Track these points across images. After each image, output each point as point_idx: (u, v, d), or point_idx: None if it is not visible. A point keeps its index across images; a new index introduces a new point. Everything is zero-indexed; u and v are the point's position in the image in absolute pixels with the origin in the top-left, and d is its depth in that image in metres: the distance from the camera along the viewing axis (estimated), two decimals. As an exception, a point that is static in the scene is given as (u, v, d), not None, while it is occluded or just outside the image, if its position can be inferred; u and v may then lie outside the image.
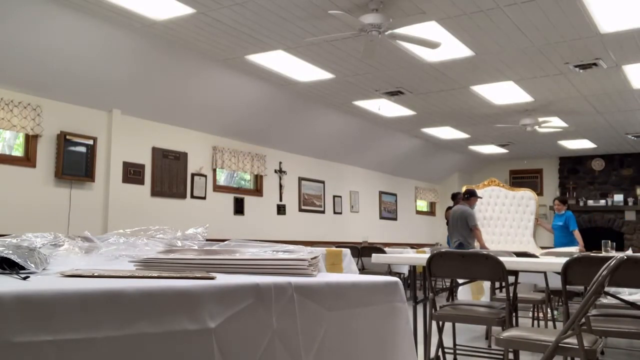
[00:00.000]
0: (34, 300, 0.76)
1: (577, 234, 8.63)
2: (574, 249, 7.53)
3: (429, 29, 5.64)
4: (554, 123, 9.74)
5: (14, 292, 0.75)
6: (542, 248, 8.53)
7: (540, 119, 9.26)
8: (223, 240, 1.61)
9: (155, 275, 1.11)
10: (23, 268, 1.06)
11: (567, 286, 2.77)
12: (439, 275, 3.42)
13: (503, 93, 8.13)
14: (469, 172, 14.40)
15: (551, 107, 8.89)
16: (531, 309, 5.13)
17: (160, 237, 1.55)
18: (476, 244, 7.83)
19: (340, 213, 11.19)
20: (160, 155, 7.59)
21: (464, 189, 8.43)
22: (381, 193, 12.55)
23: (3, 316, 0.72)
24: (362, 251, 8.38)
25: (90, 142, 6.70)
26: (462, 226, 7.74)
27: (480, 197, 8.22)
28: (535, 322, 5.07)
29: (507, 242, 8.52)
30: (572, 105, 8.77)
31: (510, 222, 8.83)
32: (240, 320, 1.03)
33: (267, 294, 1.10)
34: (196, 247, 1.46)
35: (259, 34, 5.92)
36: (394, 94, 8.23)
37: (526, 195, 8.93)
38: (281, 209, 9.68)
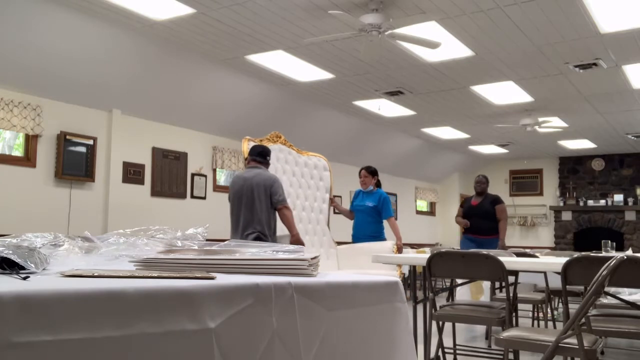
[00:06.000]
0: (34, 300, 0.76)
1: (393, 224, 5.99)
2: (387, 245, 5.54)
3: (429, 29, 5.64)
4: (554, 123, 9.74)
5: (14, 292, 0.75)
6: (340, 243, 6.16)
7: (540, 119, 9.26)
8: (223, 240, 1.61)
9: (155, 275, 1.11)
10: (23, 268, 1.06)
11: (567, 286, 2.77)
12: (439, 275, 3.42)
13: (503, 93, 8.12)
14: (469, 172, 14.40)
15: (551, 107, 8.89)
16: (531, 309, 5.13)
17: (160, 237, 1.55)
18: (281, 233, 4.93)
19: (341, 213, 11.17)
20: (160, 155, 7.59)
21: (245, 143, 5.33)
22: (381, 193, 12.54)
23: (3, 316, 0.72)
24: (362, 251, 8.35)
25: (90, 142, 6.69)
26: (264, 204, 4.70)
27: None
28: (535, 322, 5.07)
29: (299, 232, 5.17)
30: (572, 105, 8.77)
31: (302, 202, 5.69)
32: (240, 320, 1.03)
33: (267, 294, 1.10)
34: (196, 247, 1.46)
35: (259, 34, 5.92)
36: (394, 94, 8.23)
37: (319, 163, 6.03)
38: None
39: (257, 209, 4.70)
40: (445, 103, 8.76)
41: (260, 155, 4.95)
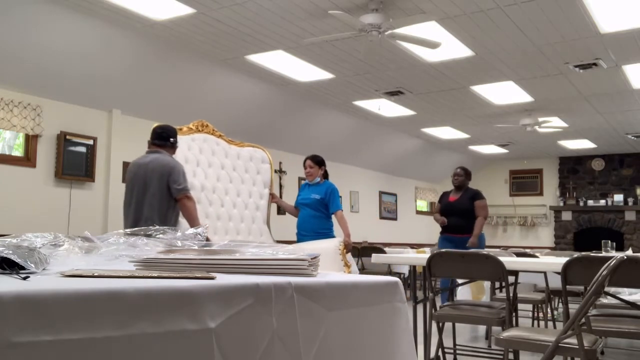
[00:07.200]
0: (34, 300, 0.76)
1: (341, 218, 5.25)
2: (332, 244, 4.85)
3: (429, 29, 5.64)
4: (554, 123, 9.74)
5: (14, 292, 0.75)
6: (281, 242, 4.78)
7: (540, 119, 9.26)
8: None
9: (155, 275, 1.11)
10: (23, 268, 1.06)
11: (567, 286, 2.77)
12: (439, 275, 3.42)
13: (503, 93, 8.13)
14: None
15: (551, 107, 8.89)
16: (531, 309, 5.13)
17: (160, 237, 1.55)
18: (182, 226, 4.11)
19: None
20: (160, 155, 7.58)
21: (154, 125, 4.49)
22: (381, 193, 12.55)
23: (3, 316, 0.72)
24: (362, 251, 8.39)
25: (90, 142, 6.70)
26: (159, 195, 4.04)
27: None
28: (535, 322, 5.07)
29: (229, 232, 4.81)
30: (572, 105, 8.77)
31: (232, 198, 4.98)
32: (240, 320, 1.03)
33: (267, 294, 1.10)
34: (196, 247, 1.46)
35: (259, 34, 5.92)
36: (394, 94, 8.23)
37: (256, 154, 5.28)
38: (281, 209, 9.67)
39: (151, 200, 4.00)
40: (445, 103, 8.76)
41: (159, 138, 4.19)
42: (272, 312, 1.10)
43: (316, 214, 5.27)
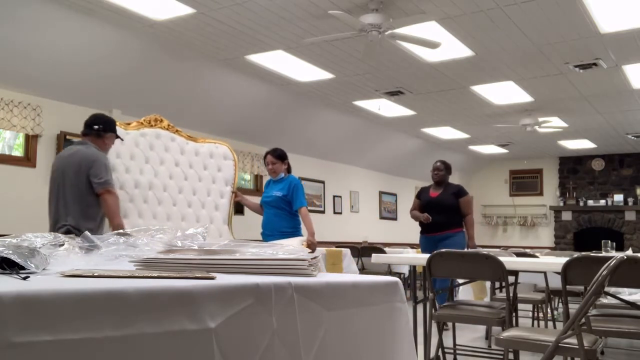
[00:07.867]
0: (34, 300, 0.76)
1: (305, 215, 4.86)
2: (295, 243, 4.36)
3: (429, 29, 5.64)
4: (554, 123, 9.74)
5: (14, 292, 0.75)
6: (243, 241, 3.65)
7: (540, 119, 9.26)
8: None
9: (155, 275, 1.11)
10: (23, 268, 1.06)
11: (567, 286, 2.77)
12: (439, 275, 3.42)
13: (503, 93, 8.13)
14: (469, 172, 14.41)
15: (551, 107, 8.89)
16: (531, 309, 5.13)
17: (160, 237, 1.55)
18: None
19: (340, 213, 11.19)
20: (160, 155, 7.58)
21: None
22: (381, 193, 12.55)
23: (3, 316, 0.72)
24: (362, 251, 8.38)
25: (90, 142, 6.69)
26: (79, 190, 3.78)
27: (121, 139, 4.16)
28: (535, 322, 5.07)
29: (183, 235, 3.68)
30: (572, 105, 8.77)
31: (187, 196, 4.62)
32: (240, 320, 1.03)
33: (267, 294, 1.10)
34: (196, 247, 1.46)
35: (259, 34, 5.92)
36: (394, 94, 8.23)
37: (218, 151, 4.84)
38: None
39: (71, 195, 3.75)
40: (445, 103, 8.76)
41: (85, 126, 3.82)
42: (272, 312, 1.10)
43: (278, 212, 4.90)
